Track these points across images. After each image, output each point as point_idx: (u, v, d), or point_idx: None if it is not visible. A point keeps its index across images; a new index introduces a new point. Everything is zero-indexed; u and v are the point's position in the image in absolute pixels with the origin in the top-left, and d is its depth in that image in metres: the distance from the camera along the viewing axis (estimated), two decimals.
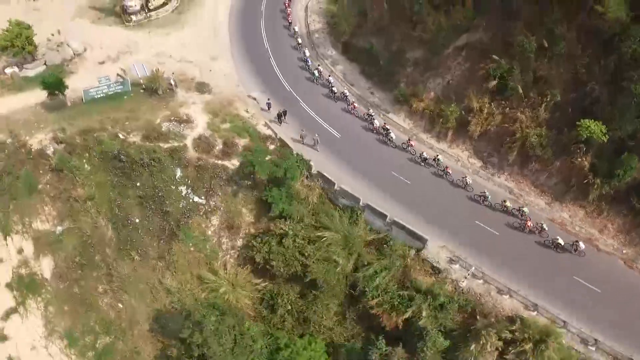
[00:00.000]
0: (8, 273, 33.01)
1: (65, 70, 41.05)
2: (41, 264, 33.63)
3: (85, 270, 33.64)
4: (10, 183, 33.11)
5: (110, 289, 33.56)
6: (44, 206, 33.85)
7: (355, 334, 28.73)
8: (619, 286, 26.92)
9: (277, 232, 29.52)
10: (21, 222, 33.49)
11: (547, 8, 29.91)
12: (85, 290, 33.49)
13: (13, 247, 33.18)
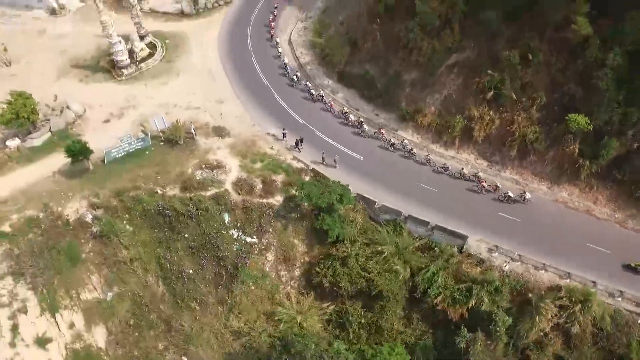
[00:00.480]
0: (61, 351, 32.30)
1: (71, 133, 40.59)
2: (94, 334, 33.35)
3: (142, 332, 33.87)
4: (53, 258, 32.51)
5: (172, 344, 34.00)
6: (90, 275, 33.64)
7: (423, 332, 32.06)
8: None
9: (340, 255, 32.17)
10: (68, 296, 32.96)
11: (523, 28, 35.84)
12: (145, 352, 33.75)
13: (63, 323, 32.60)
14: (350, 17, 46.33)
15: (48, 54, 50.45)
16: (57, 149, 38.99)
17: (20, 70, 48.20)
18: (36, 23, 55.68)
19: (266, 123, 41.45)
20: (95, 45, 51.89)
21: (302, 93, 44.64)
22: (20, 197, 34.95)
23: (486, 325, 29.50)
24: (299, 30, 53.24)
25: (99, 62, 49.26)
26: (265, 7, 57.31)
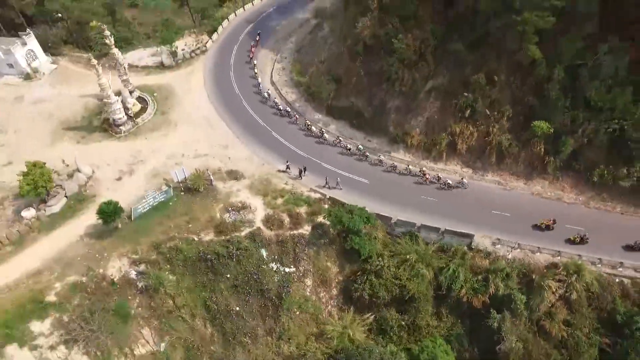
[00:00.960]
0: None
1: (86, 195, 41.55)
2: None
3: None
4: (103, 319, 33.49)
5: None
6: (141, 329, 34.98)
7: (453, 323, 37.01)
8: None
9: (374, 269, 36.44)
10: (122, 353, 34.12)
11: (484, 55, 43.12)
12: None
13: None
14: (331, 57, 51.61)
15: (35, 120, 50.59)
16: (75, 213, 39.96)
17: (10, 140, 47.93)
18: (11, 89, 55.23)
19: (273, 161, 45.05)
20: (81, 106, 52.77)
21: (297, 127, 48.95)
22: (54, 265, 35.55)
23: (505, 306, 35.05)
24: (278, 71, 57.68)
25: (92, 122, 50.22)
26: (239, 51, 61.33)
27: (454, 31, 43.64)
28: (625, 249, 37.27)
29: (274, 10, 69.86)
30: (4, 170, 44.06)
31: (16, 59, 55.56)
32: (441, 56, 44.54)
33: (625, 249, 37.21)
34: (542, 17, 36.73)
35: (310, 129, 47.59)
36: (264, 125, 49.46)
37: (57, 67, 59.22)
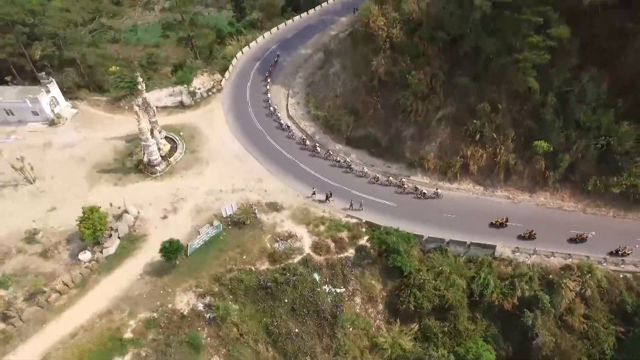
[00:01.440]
0: None
1: (136, 235, 43.96)
2: None
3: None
4: (177, 351, 36.02)
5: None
6: (211, 358, 37.55)
7: (487, 325, 41.76)
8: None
9: (417, 282, 40.80)
10: None
11: (486, 86, 49.27)
12: None
13: None
14: (346, 92, 56.60)
15: (68, 165, 52.25)
16: (130, 252, 42.39)
17: (49, 186, 49.54)
18: (38, 136, 56.74)
19: (306, 190, 48.86)
20: (110, 149, 55.05)
21: (321, 158, 53.30)
22: (122, 304, 37.79)
23: (532, 306, 40.16)
24: (293, 105, 62.13)
25: (125, 164, 52.56)
26: (252, 88, 65.49)
27: (458, 67, 49.63)
28: (569, 241, 44.11)
29: (277, 47, 74.56)
30: (50, 215, 45.76)
31: (42, 107, 57.35)
32: (449, 88, 50.31)
33: (568, 241, 44.11)
34: (539, 55, 43.12)
35: (337, 160, 51.96)
36: (291, 158, 53.28)
37: (78, 112, 61.18)
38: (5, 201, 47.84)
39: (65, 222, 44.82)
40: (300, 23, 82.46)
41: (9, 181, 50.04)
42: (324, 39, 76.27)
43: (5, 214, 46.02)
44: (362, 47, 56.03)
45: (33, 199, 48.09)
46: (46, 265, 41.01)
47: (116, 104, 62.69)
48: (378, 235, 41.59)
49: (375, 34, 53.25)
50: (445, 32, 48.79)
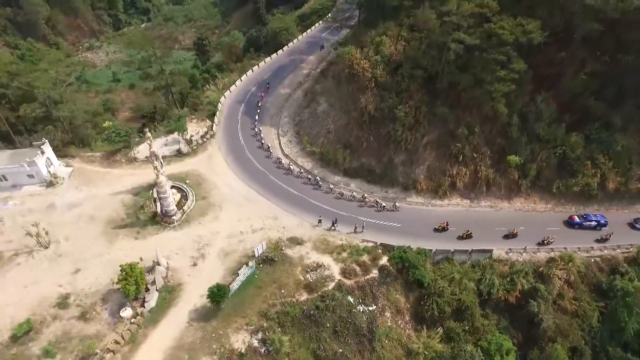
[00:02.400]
0: None
1: (172, 286, 45.72)
2: None
3: None
4: None
5: None
6: None
7: (498, 319, 48.30)
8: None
9: (437, 291, 46.51)
10: None
11: (462, 112, 57.48)
12: None
13: None
14: (339, 128, 62.34)
15: (79, 225, 52.40)
16: (171, 303, 44.15)
17: (66, 248, 49.52)
18: (38, 199, 56.13)
19: (324, 224, 53.09)
20: (118, 204, 55.93)
21: (323, 192, 58.15)
22: (180, 352, 39.44)
23: (532, 296, 47.41)
24: (286, 144, 66.76)
25: (139, 217, 53.75)
26: (244, 131, 69.33)
27: (437, 98, 57.45)
28: (503, 237, 52.37)
29: (256, 88, 79.28)
30: (77, 277, 46.00)
31: (39, 169, 56.97)
32: (431, 117, 57.82)
33: (503, 238, 52.38)
34: (506, 85, 51.86)
35: (342, 193, 57.28)
36: (299, 195, 57.41)
37: (73, 170, 61.16)
38: (24, 269, 47.24)
39: (94, 282, 45.52)
40: (272, 64, 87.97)
41: (21, 248, 49.41)
42: (299, 77, 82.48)
43: (28, 283, 45.60)
44: (348, 86, 62.45)
45: (53, 263, 47.92)
46: (88, 327, 41.52)
47: (112, 159, 63.50)
48: (398, 255, 47.00)
49: (359, 74, 59.87)
50: (423, 70, 56.50)
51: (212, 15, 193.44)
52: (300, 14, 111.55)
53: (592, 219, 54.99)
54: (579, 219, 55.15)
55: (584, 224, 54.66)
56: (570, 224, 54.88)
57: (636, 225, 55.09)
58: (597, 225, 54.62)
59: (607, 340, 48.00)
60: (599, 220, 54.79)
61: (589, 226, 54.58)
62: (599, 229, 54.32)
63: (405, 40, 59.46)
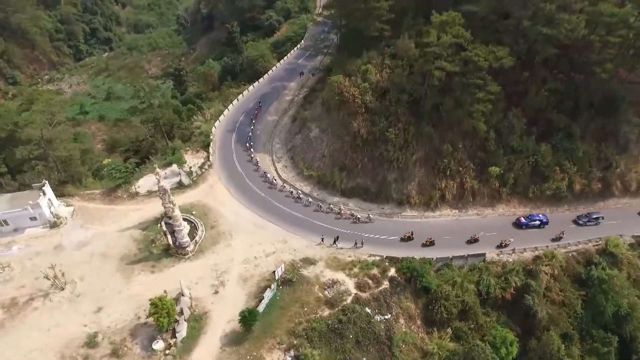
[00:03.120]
0: None
1: (198, 314, 47.55)
2: None
3: None
4: None
5: None
6: None
7: (497, 315, 53.53)
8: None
9: (444, 296, 51.14)
10: None
11: (444, 131, 63.59)
12: None
13: None
14: (334, 151, 66.53)
15: (92, 264, 52.87)
16: (200, 331, 46.03)
17: (84, 288, 49.89)
18: (44, 241, 56.02)
19: (327, 241, 56.80)
20: (128, 240, 56.93)
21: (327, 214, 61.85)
22: None
23: (525, 291, 53.14)
24: (282, 170, 70.13)
25: (152, 251, 55.01)
26: (239, 158, 72.06)
27: (422, 119, 63.23)
28: (466, 242, 57.90)
29: (244, 117, 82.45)
30: (101, 315, 46.75)
31: (42, 210, 56.98)
32: (418, 137, 63.41)
33: (466, 243, 57.86)
34: (484, 105, 58.40)
35: (340, 212, 61.23)
36: (304, 217, 60.68)
37: (74, 209, 61.41)
38: (43, 313, 47.43)
39: (119, 318, 46.57)
40: (254, 92, 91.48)
41: (35, 292, 49.52)
42: (283, 104, 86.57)
43: (50, 326, 45.94)
44: (338, 112, 67.09)
45: (73, 304, 48.37)
46: None
47: (113, 195, 64.22)
48: (406, 265, 51.43)
49: (349, 101, 64.77)
50: (408, 95, 62.26)
51: (177, 43, 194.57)
52: (274, 41, 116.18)
53: (536, 218, 61.25)
54: (525, 220, 61.15)
55: (530, 223, 60.62)
56: (518, 225, 60.79)
57: (579, 222, 62.43)
58: (540, 223, 60.59)
59: (590, 324, 54.36)
60: (541, 219, 61.06)
61: (534, 225, 60.59)
62: (543, 227, 60.46)
63: (390, 67, 65.02)
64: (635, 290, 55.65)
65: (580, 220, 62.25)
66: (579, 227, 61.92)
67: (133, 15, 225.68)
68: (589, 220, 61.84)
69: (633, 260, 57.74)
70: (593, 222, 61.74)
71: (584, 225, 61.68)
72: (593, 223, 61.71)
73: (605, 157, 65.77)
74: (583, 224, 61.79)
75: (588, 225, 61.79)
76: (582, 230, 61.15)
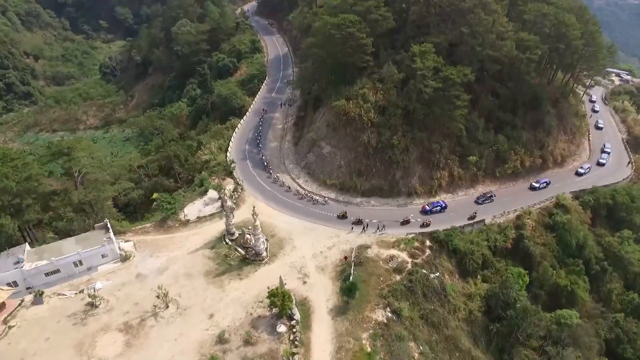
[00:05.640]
0: None
1: (300, 300, 56.58)
2: None
3: None
4: None
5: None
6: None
7: (506, 262, 71.06)
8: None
9: (468, 252, 67.21)
10: None
11: (432, 132, 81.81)
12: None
13: None
14: (349, 161, 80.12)
15: (180, 284, 58.28)
16: (309, 311, 55.19)
17: (184, 303, 54.90)
18: (121, 274, 59.74)
19: (356, 230, 69.59)
20: (203, 258, 63.26)
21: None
22: (343, 337, 51.18)
23: (520, 239, 71.82)
24: (304, 184, 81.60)
25: (230, 263, 62.23)
26: (265, 181, 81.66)
27: (415, 126, 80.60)
28: (400, 224, 71.68)
29: (249, 145, 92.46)
30: (216, 319, 52.58)
31: (114, 246, 60.87)
32: (413, 141, 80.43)
33: (400, 224, 71.27)
34: (461, 111, 77.82)
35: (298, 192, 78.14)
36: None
37: (133, 242, 65.63)
38: (161, 328, 52.34)
39: (235, 318, 53.61)
40: (245, 126, 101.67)
41: (142, 314, 54.03)
42: (277, 132, 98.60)
43: (175, 336, 51.22)
44: (345, 129, 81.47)
45: (184, 317, 53.87)
46: (259, 348, 49.91)
47: (165, 225, 69.59)
48: (440, 236, 66.81)
49: (356, 119, 79.73)
50: (402, 109, 79.40)
51: (111, 92, 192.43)
52: (240, 80, 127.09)
53: (437, 204, 74.51)
54: (428, 207, 73.99)
55: (433, 209, 73.66)
56: (424, 212, 73.61)
57: (536, 187, 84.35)
58: (441, 208, 74.13)
59: (563, 255, 74.81)
60: (441, 205, 74.72)
61: (437, 210, 73.84)
62: (443, 211, 74.29)
63: (382, 90, 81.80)
64: (584, 226, 77.92)
65: (538, 184, 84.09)
66: (536, 191, 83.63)
67: (49, 67, 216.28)
68: (542, 186, 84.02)
69: (577, 207, 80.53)
70: (544, 185, 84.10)
71: (539, 189, 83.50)
72: (544, 186, 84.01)
73: (539, 140, 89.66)
74: (539, 188, 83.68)
75: (541, 190, 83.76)
76: (539, 194, 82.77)
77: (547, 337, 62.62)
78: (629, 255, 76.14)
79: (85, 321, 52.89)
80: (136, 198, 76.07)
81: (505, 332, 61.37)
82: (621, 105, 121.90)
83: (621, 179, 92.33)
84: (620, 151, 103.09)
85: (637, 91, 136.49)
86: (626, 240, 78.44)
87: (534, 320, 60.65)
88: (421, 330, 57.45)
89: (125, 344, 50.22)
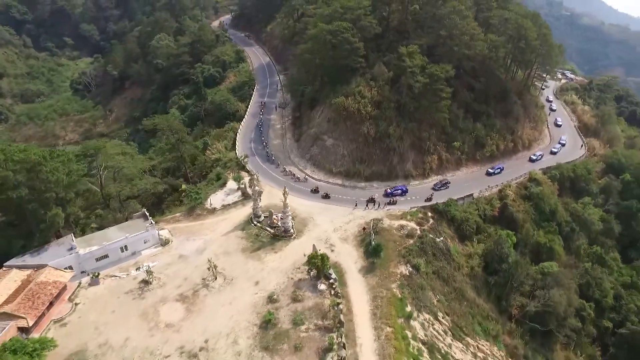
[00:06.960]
0: None
1: (332, 265, 64.74)
2: None
3: None
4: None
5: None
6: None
7: (494, 228, 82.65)
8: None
9: (464, 220, 78.17)
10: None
11: (421, 122, 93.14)
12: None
13: None
14: (352, 151, 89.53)
15: (222, 260, 64.68)
16: (343, 271, 63.40)
17: (230, 275, 61.57)
18: (164, 256, 65.27)
19: (360, 206, 78.94)
20: (237, 238, 69.95)
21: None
22: (376, 289, 59.80)
23: (504, 206, 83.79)
24: (311, 174, 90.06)
25: (262, 240, 69.16)
26: (276, 173, 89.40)
27: (407, 117, 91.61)
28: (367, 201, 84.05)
29: (254, 144, 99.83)
30: (262, 285, 59.26)
31: (155, 232, 66.37)
32: (405, 130, 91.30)
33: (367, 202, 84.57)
34: (446, 103, 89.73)
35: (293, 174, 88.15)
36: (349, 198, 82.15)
37: (168, 230, 71.25)
38: (214, 296, 58.63)
39: (279, 282, 60.67)
40: (247, 126, 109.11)
41: (194, 286, 60.11)
42: (277, 131, 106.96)
43: (230, 300, 57.70)
44: (345, 123, 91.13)
45: (232, 286, 60.46)
46: (306, 303, 57.23)
47: (194, 214, 75.63)
48: (440, 207, 77.25)
49: (355, 113, 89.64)
50: (395, 103, 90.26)
51: (88, 107, 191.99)
52: (231, 87, 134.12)
53: (399, 188, 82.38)
54: (390, 190, 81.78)
55: (394, 192, 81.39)
56: (387, 194, 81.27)
57: (490, 171, 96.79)
58: (402, 192, 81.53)
59: (539, 220, 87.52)
60: (402, 189, 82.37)
61: (398, 193, 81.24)
62: (405, 195, 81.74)
63: (376, 87, 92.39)
64: (554, 195, 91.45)
65: (493, 169, 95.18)
66: (491, 176, 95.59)
67: (16, 85, 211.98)
68: (496, 172, 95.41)
69: (546, 180, 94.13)
70: (498, 171, 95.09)
71: (494, 174, 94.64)
72: (498, 172, 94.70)
73: (510, 127, 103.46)
74: (494, 173, 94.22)
75: (496, 175, 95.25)
76: (494, 178, 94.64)
77: (534, 285, 74.07)
78: (591, 217, 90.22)
79: (142, 295, 58.15)
80: (162, 191, 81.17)
81: (501, 282, 72.12)
82: (570, 99, 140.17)
83: (577, 157, 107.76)
84: (574, 136, 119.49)
85: (580, 87, 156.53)
86: (587, 205, 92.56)
87: (524, 271, 71.87)
88: (435, 282, 66.99)
89: (185, 310, 56.08)
